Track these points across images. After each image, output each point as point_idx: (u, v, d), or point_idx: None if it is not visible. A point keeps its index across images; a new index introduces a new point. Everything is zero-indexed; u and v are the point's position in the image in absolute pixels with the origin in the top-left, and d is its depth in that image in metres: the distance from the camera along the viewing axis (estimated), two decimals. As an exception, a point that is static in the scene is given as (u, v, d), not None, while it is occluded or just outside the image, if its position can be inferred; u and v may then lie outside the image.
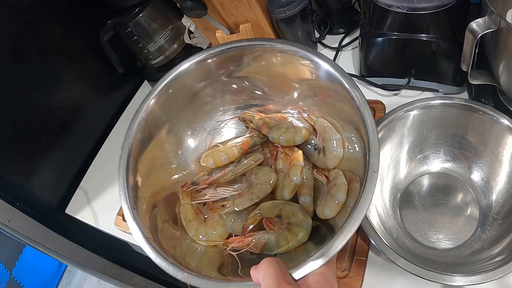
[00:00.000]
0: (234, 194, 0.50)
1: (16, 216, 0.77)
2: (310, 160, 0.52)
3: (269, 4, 0.84)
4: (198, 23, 0.92)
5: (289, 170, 0.50)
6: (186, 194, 0.51)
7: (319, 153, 0.51)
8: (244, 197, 0.50)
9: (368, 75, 0.78)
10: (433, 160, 0.63)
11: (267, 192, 0.50)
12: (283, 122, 0.54)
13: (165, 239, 0.46)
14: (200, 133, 0.59)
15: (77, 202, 0.92)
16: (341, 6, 0.89)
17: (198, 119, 0.59)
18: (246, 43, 0.52)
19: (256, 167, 0.53)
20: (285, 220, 0.48)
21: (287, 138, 0.53)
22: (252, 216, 0.49)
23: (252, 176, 0.52)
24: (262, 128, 0.54)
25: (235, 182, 0.52)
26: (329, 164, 0.51)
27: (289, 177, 0.50)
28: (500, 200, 0.56)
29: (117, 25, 0.95)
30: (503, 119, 0.55)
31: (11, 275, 1.82)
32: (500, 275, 0.45)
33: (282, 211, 0.49)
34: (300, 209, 0.49)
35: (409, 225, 0.59)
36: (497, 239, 0.53)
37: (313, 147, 0.52)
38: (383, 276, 0.56)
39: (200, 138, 0.58)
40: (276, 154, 0.53)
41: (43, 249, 0.83)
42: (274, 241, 0.47)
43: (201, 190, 0.51)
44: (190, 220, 0.50)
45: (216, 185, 0.51)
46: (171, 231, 0.49)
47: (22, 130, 0.84)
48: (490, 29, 0.51)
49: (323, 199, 0.49)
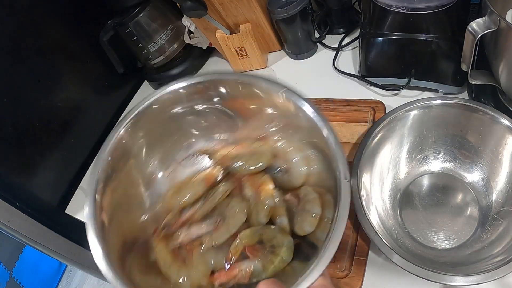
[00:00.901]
0: (209, 229, 0.49)
1: (16, 216, 0.77)
2: (276, 183, 0.52)
3: (269, 4, 0.84)
4: (198, 23, 0.92)
5: (259, 195, 0.50)
6: (160, 239, 0.49)
7: (284, 174, 0.52)
8: (221, 230, 0.49)
9: (368, 75, 0.78)
10: (433, 160, 0.63)
11: (243, 221, 0.49)
12: (244, 151, 0.54)
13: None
14: (170, 166, 0.56)
15: (77, 202, 0.92)
16: (341, 6, 0.89)
17: (168, 151, 0.56)
18: (219, 77, 0.51)
19: (225, 199, 0.52)
20: (267, 244, 0.48)
21: (250, 165, 0.53)
22: (233, 247, 0.48)
23: (224, 207, 0.51)
24: (224, 160, 0.54)
25: (207, 217, 0.50)
26: (296, 182, 0.51)
27: (261, 201, 0.50)
28: (500, 200, 0.56)
29: (117, 25, 0.95)
30: (503, 119, 0.55)
31: (11, 275, 1.82)
32: (500, 275, 0.45)
33: (262, 235, 0.48)
34: (280, 230, 0.49)
35: (409, 225, 0.59)
36: (497, 239, 0.53)
37: (277, 170, 0.53)
38: (383, 276, 0.56)
39: (169, 171, 0.56)
40: (241, 183, 0.52)
41: (43, 249, 0.83)
42: (261, 267, 0.46)
43: (174, 232, 0.49)
44: (169, 265, 0.47)
45: (189, 224, 0.50)
46: (150, 281, 0.47)
47: (22, 130, 0.84)
48: (490, 29, 0.51)
49: (298, 216, 0.48)
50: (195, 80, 0.51)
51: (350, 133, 0.71)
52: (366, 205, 0.56)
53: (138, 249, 0.48)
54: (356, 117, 0.73)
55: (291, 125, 0.51)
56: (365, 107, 0.74)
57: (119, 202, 0.48)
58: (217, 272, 0.46)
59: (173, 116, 0.53)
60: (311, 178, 0.50)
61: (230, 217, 0.49)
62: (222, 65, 1.04)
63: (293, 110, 0.47)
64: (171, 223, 0.50)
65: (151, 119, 0.51)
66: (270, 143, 0.54)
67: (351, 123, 0.73)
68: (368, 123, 0.72)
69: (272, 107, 0.51)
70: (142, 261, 0.47)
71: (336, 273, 0.57)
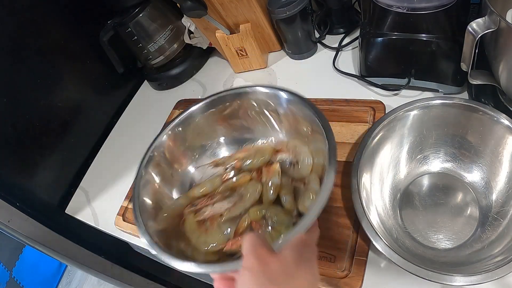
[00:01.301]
0: (229, 206, 0.58)
1: (16, 216, 0.77)
2: (288, 174, 0.60)
3: (269, 4, 0.84)
4: (198, 23, 0.92)
5: (269, 176, 0.59)
6: (189, 212, 0.59)
7: (294, 166, 0.60)
8: (237, 205, 0.58)
9: (368, 75, 0.78)
10: (433, 160, 0.63)
11: (256, 199, 0.58)
12: (250, 152, 0.64)
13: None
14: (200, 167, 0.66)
15: (77, 202, 0.92)
16: (341, 6, 0.89)
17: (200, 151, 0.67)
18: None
19: (244, 184, 0.61)
20: (269, 220, 0.56)
21: (257, 160, 0.62)
22: (242, 221, 0.57)
23: (242, 190, 0.60)
24: (236, 165, 0.63)
25: (229, 197, 0.60)
26: (304, 172, 0.58)
27: (269, 179, 0.59)
28: (500, 200, 0.56)
29: (117, 25, 0.95)
30: (503, 119, 0.55)
31: (11, 275, 1.82)
32: (500, 275, 0.45)
33: (266, 213, 0.56)
34: (282, 210, 0.57)
35: (409, 225, 0.59)
36: (497, 239, 0.53)
37: (288, 163, 0.61)
38: (383, 276, 0.56)
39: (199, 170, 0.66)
40: (260, 173, 0.61)
41: (43, 249, 0.83)
42: None
43: (200, 209, 0.59)
44: (193, 231, 0.57)
45: (213, 202, 0.59)
46: (177, 245, 0.55)
47: (22, 130, 0.84)
48: (490, 29, 0.51)
49: (302, 195, 0.56)
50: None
51: (350, 133, 0.71)
52: (366, 205, 0.56)
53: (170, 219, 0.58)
54: (356, 117, 0.73)
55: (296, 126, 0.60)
56: (365, 107, 0.74)
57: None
58: (229, 241, 0.55)
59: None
60: (316, 168, 0.57)
61: (245, 195, 0.59)
62: (222, 65, 1.04)
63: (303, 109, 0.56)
64: (198, 202, 0.59)
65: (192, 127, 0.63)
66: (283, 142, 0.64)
67: (351, 123, 0.73)
68: (368, 123, 0.72)
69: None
70: (173, 230, 0.57)
71: (336, 273, 0.57)
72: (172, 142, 0.62)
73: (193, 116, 0.63)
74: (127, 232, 0.78)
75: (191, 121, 0.63)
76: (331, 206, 0.64)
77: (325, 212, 0.63)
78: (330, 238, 0.61)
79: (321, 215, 0.60)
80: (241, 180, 0.61)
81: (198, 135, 0.65)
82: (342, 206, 0.63)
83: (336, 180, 0.67)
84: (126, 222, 0.78)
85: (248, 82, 0.96)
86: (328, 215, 0.63)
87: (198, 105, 0.62)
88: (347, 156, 0.69)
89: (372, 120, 0.72)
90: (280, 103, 0.59)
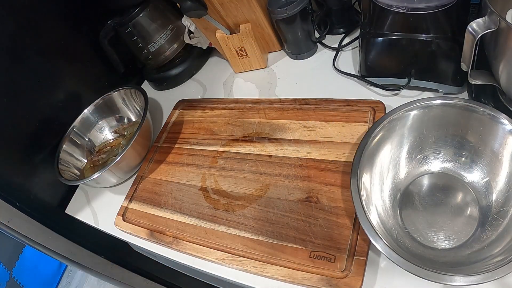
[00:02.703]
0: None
1: (16, 216, 0.77)
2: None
3: (269, 4, 0.84)
4: (198, 23, 0.92)
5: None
6: (90, 160, 0.96)
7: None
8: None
9: (368, 75, 0.78)
10: (433, 160, 0.63)
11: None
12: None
13: None
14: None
15: (77, 202, 0.92)
16: (341, 6, 0.89)
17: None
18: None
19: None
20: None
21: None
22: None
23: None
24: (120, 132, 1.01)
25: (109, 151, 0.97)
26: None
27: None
28: (500, 200, 0.56)
29: (117, 25, 0.95)
30: (503, 119, 0.55)
31: (11, 275, 1.82)
32: (500, 275, 0.45)
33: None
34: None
35: (409, 225, 0.59)
36: (497, 239, 0.52)
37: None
38: (383, 276, 0.56)
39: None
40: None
41: (43, 249, 0.83)
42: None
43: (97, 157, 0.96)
44: (88, 169, 0.93)
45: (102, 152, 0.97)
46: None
47: (22, 130, 0.84)
48: (490, 29, 0.51)
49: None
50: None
51: (350, 133, 0.71)
52: (366, 205, 0.56)
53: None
54: (356, 117, 0.73)
55: None
56: (365, 107, 0.74)
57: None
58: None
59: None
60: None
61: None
62: (222, 65, 1.04)
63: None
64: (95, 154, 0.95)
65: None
66: None
67: (351, 123, 0.73)
68: (368, 123, 0.72)
69: None
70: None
71: (336, 273, 0.57)
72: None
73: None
74: (127, 232, 0.78)
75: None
76: (330, 206, 0.64)
77: (325, 212, 0.63)
78: (330, 238, 0.61)
79: (320, 215, 0.60)
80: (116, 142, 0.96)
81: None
82: (342, 206, 0.63)
83: (336, 180, 0.67)
84: (126, 222, 0.78)
85: (248, 82, 0.96)
86: (328, 215, 0.63)
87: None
88: (347, 156, 0.69)
89: (372, 120, 0.72)
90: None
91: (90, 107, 0.96)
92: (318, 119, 0.76)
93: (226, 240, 0.67)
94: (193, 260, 0.69)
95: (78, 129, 0.95)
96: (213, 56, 1.09)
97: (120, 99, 0.98)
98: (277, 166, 0.73)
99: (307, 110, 0.79)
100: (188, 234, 0.71)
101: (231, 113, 0.87)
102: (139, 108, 0.97)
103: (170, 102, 1.00)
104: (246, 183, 0.73)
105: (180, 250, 0.70)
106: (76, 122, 0.94)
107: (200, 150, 0.84)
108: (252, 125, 0.83)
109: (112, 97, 0.98)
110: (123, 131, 0.98)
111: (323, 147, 0.72)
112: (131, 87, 0.96)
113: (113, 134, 0.99)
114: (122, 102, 0.99)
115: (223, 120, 0.87)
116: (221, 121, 0.87)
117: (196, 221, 0.72)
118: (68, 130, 0.93)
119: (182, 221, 0.73)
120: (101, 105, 0.98)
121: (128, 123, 0.99)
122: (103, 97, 0.97)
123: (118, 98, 0.98)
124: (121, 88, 0.97)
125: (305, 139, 0.75)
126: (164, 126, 0.94)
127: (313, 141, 0.74)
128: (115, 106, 0.99)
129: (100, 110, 0.98)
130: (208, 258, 0.67)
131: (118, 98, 0.98)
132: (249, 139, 0.80)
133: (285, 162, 0.73)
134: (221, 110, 0.90)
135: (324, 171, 0.69)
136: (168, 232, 0.73)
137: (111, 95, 0.97)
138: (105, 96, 0.97)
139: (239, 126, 0.84)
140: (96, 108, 0.97)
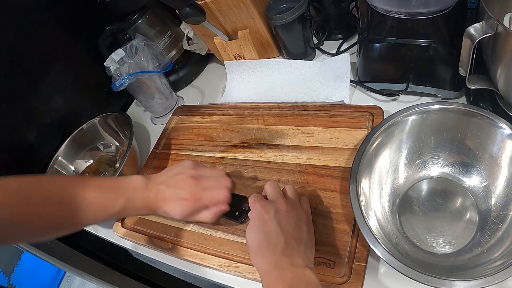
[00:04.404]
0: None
1: (14, 223, 0.77)
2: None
3: (268, 10, 0.85)
4: (196, 29, 0.92)
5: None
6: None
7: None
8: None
9: (367, 80, 0.78)
10: (432, 165, 0.63)
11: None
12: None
13: None
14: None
15: (75, 208, 0.91)
16: (339, 12, 0.89)
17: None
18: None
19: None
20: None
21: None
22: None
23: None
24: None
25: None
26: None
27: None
28: (499, 204, 0.56)
29: (116, 31, 0.96)
30: (501, 123, 0.55)
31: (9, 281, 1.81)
32: (500, 280, 0.45)
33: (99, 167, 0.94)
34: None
35: (408, 230, 0.59)
36: (497, 243, 0.52)
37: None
38: (382, 281, 0.56)
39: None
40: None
41: (41, 255, 0.82)
42: None
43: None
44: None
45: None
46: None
47: (22, 136, 0.84)
48: (487, 34, 0.52)
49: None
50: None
51: (348, 139, 0.71)
52: (365, 210, 0.55)
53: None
54: (355, 123, 0.73)
55: None
56: (363, 112, 0.74)
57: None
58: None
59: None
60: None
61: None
62: (220, 71, 1.04)
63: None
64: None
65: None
66: None
67: (349, 128, 0.73)
68: (366, 128, 0.72)
69: None
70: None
71: (336, 279, 0.57)
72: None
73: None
74: (125, 238, 0.77)
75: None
76: (330, 212, 0.64)
77: (324, 217, 0.63)
78: (329, 244, 0.60)
79: (320, 221, 0.60)
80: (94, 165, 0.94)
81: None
82: (341, 212, 0.63)
83: (335, 186, 0.67)
84: (125, 228, 0.78)
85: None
86: (327, 221, 0.63)
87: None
88: (345, 161, 0.69)
89: (370, 125, 0.72)
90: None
91: (71, 137, 0.92)
92: (316, 125, 0.76)
93: (225, 246, 0.67)
94: (192, 266, 0.69)
95: (63, 157, 0.91)
96: (212, 62, 1.10)
97: (104, 125, 0.96)
98: (276, 172, 0.73)
99: (306, 116, 0.79)
100: (187, 241, 0.71)
101: (229, 119, 0.87)
102: (125, 134, 0.94)
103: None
104: (245, 189, 0.73)
105: (179, 256, 0.70)
106: (60, 151, 0.91)
107: (198, 156, 0.84)
108: (250, 131, 0.83)
109: (95, 124, 0.95)
110: (109, 160, 0.95)
111: (322, 153, 0.72)
112: (117, 112, 0.93)
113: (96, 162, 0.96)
114: (106, 128, 0.96)
115: (222, 126, 0.87)
116: (220, 127, 0.87)
117: (194, 227, 0.72)
118: (52, 159, 0.89)
119: (180, 227, 0.73)
120: (83, 134, 0.94)
121: (116, 151, 0.97)
122: (87, 123, 0.94)
123: (102, 125, 0.96)
124: (105, 114, 0.94)
125: (304, 145, 0.75)
126: (163, 132, 0.94)
127: (312, 147, 0.74)
128: (98, 134, 0.96)
129: (81, 140, 0.94)
130: (207, 264, 0.67)
131: (102, 125, 0.96)
132: (248, 145, 0.80)
133: (284, 168, 0.73)
134: (219, 116, 0.90)
135: (323, 176, 0.69)
136: (167, 238, 0.73)
137: (95, 122, 0.95)
138: (88, 123, 0.94)
139: (238, 132, 0.84)
140: (76, 139, 0.94)
